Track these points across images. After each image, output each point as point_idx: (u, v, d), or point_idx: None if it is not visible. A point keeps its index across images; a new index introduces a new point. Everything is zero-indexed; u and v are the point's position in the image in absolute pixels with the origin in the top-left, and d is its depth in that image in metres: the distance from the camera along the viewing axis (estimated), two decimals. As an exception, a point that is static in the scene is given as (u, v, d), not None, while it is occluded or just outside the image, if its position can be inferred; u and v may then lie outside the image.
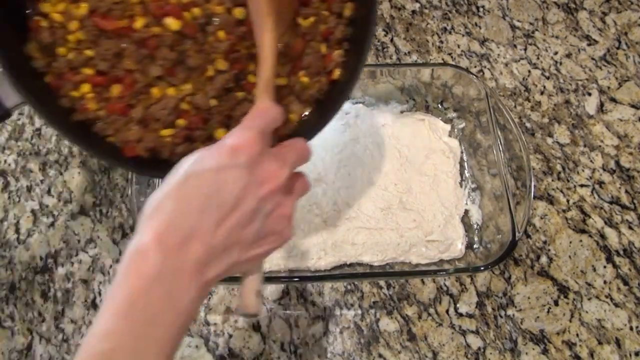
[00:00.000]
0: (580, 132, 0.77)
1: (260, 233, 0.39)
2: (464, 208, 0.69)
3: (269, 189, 0.38)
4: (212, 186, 0.36)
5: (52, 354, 0.64)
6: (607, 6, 0.89)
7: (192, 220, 0.35)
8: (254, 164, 0.38)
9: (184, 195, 0.36)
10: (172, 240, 0.35)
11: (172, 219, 0.35)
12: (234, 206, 0.37)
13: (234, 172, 0.37)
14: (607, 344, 0.62)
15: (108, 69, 0.51)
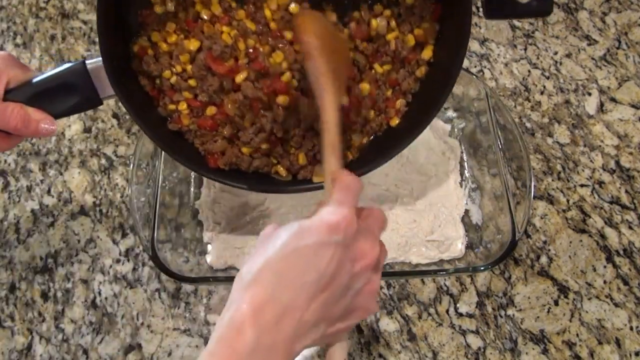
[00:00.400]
0: (580, 132, 0.77)
1: (349, 308, 0.40)
2: (464, 208, 0.69)
3: (362, 265, 0.39)
4: (309, 263, 0.37)
5: (52, 354, 0.64)
6: (607, 6, 0.89)
7: (288, 296, 0.36)
8: (350, 242, 0.39)
9: (282, 269, 0.37)
10: (269, 316, 0.35)
11: (270, 293, 0.36)
12: (328, 283, 0.37)
13: (331, 249, 0.37)
14: (607, 344, 0.62)
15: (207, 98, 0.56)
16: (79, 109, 0.57)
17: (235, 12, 0.56)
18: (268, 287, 0.36)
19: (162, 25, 0.55)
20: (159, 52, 0.55)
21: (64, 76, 0.53)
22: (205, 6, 0.55)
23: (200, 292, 0.67)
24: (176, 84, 0.56)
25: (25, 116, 0.52)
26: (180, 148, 0.57)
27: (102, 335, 0.64)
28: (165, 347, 0.64)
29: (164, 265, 0.59)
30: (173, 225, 0.66)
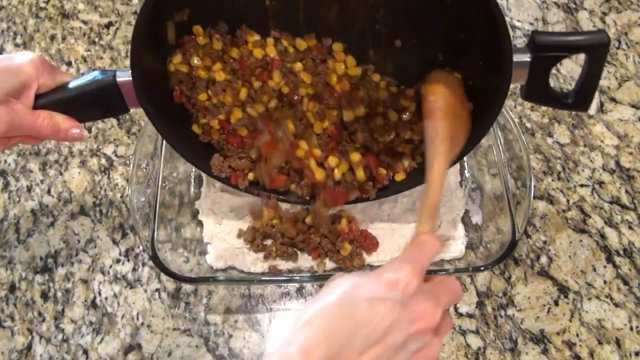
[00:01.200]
0: (580, 132, 0.77)
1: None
2: (464, 208, 0.69)
3: (419, 327, 0.38)
4: (364, 315, 0.37)
5: (52, 354, 0.64)
6: (607, 6, 0.89)
7: (338, 344, 0.36)
8: (409, 300, 0.38)
9: (336, 317, 0.37)
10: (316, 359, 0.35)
11: (320, 338, 0.36)
12: (380, 339, 0.37)
13: (388, 305, 0.37)
14: (607, 344, 0.62)
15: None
16: (106, 116, 0.60)
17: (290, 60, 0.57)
18: (320, 333, 0.37)
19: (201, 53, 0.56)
20: (195, 76, 0.56)
21: (93, 87, 0.54)
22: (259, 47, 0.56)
23: (200, 292, 0.67)
24: (210, 107, 0.57)
25: (55, 126, 0.54)
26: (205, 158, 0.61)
27: (102, 335, 0.64)
28: (165, 347, 0.64)
29: (164, 265, 0.59)
30: (173, 225, 0.66)
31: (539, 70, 0.50)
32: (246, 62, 0.56)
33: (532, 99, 0.54)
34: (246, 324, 0.65)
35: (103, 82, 0.53)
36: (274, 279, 0.63)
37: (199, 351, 0.63)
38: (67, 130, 0.54)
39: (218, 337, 0.64)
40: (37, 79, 0.53)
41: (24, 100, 0.53)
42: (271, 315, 0.65)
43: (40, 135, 0.54)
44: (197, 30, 0.54)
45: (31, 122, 0.53)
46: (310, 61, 0.57)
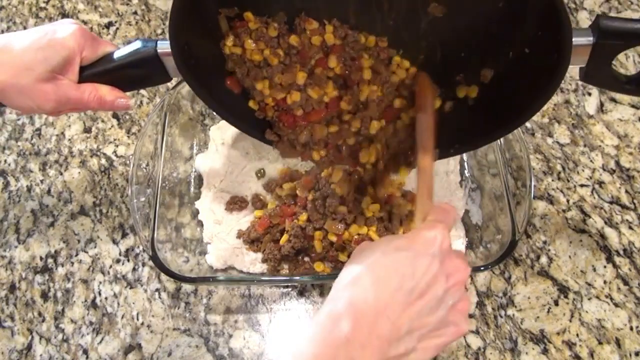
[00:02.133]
0: (580, 132, 0.77)
1: (441, 323, 0.40)
2: (464, 208, 0.69)
3: (455, 281, 0.40)
4: (407, 269, 0.39)
5: (52, 354, 0.64)
6: (607, 6, 0.89)
7: (385, 297, 0.38)
8: (445, 257, 0.41)
9: (380, 273, 0.39)
10: (366, 312, 0.37)
11: (368, 293, 0.38)
12: (424, 291, 0.39)
13: (428, 260, 0.39)
14: (607, 344, 0.62)
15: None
16: (150, 85, 0.62)
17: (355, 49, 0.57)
18: (367, 289, 0.38)
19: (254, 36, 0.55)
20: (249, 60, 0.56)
21: (135, 58, 0.54)
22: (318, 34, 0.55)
23: (200, 292, 0.67)
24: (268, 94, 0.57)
25: (101, 98, 0.55)
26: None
27: (102, 335, 0.64)
28: (165, 347, 0.64)
29: (163, 265, 0.59)
30: (173, 225, 0.66)
31: (602, 56, 0.48)
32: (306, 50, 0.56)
33: (590, 81, 0.52)
34: (246, 324, 0.65)
35: (145, 53, 0.53)
36: (274, 279, 0.63)
37: (199, 351, 0.63)
38: (112, 102, 0.55)
39: (218, 337, 0.64)
40: (79, 52, 0.53)
41: (69, 75, 0.53)
42: (271, 315, 0.65)
43: (87, 108, 0.55)
44: (248, 16, 0.54)
45: (77, 97, 0.54)
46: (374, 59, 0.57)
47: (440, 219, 0.43)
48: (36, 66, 0.51)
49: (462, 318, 0.42)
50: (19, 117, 0.82)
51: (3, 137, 0.80)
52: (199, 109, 0.77)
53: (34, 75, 0.51)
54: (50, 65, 0.51)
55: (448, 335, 0.41)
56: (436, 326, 0.40)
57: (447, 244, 0.41)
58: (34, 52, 0.51)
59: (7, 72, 0.51)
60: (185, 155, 0.73)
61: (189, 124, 0.75)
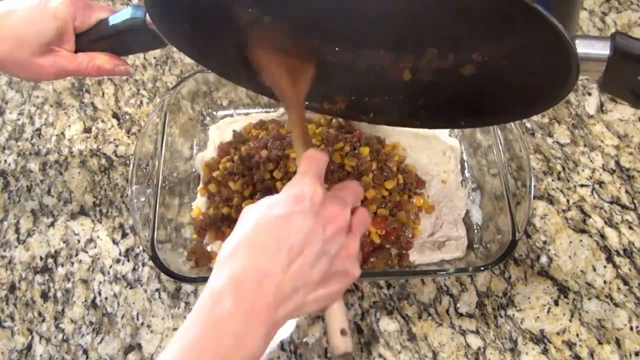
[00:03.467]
0: (580, 132, 0.77)
1: (327, 273, 0.40)
2: (465, 208, 0.69)
3: (333, 229, 0.41)
4: (281, 231, 0.39)
5: (52, 354, 0.64)
6: (607, 6, 0.89)
7: (264, 264, 0.38)
8: (318, 208, 0.41)
9: (256, 241, 0.39)
10: (247, 284, 0.37)
11: (246, 264, 0.38)
12: (302, 249, 0.39)
13: (300, 216, 0.40)
14: (607, 344, 0.62)
15: None
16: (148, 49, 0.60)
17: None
18: (243, 259, 0.38)
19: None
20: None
21: (127, 25, 0.53)
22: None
23: (200, 292, 0.66)
24: None
25: (98, 67, 0.55)
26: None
27: (102, 335, 0.64)
28: (165, 347, 0.63)
29: (164, 265, 0.59)
30: (173, 225, 0.66)
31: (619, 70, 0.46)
32: None
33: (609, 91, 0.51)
34: (246, 324, 0.64)
35: (135, 22, 0.53)
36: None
37: (199, 351, 0.63)
38: (112, 70, 0.55)
39: (218, 337, 0.64)
40: (72, 21, 0.53)
41: (66, 45, 0.53)
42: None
43: (86, 76, 0.56)
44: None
45: (75, 68, 0.54)
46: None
47: (306, 171, 0.43)
48: (30, 41, 0.51)
49: (350, 263, 0.42)
50: (19, 117, 0.82)
51: (3, 137, 0.80)
52: (199, 109, 0.77)
53: (30, 49, 0.51)
54: (44, 38, 0.51)
55: (337, 283, 0.42)
56: (322, 278, 0.40)
57: (319, 194, 0.41)
58: (27, 26, 0.51)
59: (3, 48, 0.51)
60: (185, 155, 0.73)
61: (189, 124, 0.75)
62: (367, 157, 0.68)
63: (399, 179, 0.68)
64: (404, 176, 0.69)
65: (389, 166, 0.69)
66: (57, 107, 0.83)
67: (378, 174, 0.68)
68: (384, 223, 0.65)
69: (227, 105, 0.79)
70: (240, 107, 0.79)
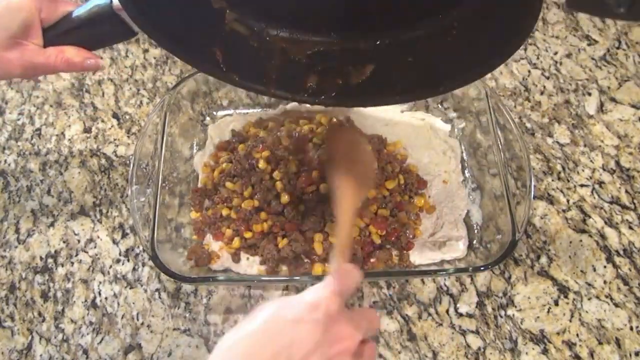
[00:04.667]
0: (580, 132, 0.77)
1: None
2: (466, 208, 0.69)
3: (340, 349, 0.38)
4: (286, 336, 0.37)
5: (52, 354, 0.64)
6: (607, 6, 0.89)
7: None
8: (330, 323, 0.39)
9: (258, 340, 0.37)
10: None
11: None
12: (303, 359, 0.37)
13: (309, 326, 0.38)
14: (607, 344, 0.62)
15: None
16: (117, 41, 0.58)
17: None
18: (240, 355, 0.37)
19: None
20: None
21: (93, 15, 0.52)
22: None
23: (200, 292, 0.67)
24: None
25: (67, 60, 0.53)
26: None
27: (102, 335, 0.64)
28: (165, 347, 0.63)
29: (164, 265, 0.59)
30: (173, 225, 0.66)
31: None
32: None
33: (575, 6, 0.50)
34: (246, 324, 0.65)
35: (101, 9, 0.52)
36: (274, 279, 0.63)
37: (199, 351, 0.63)
38: (81, 63, 0.54)
39: (218, 337, 0.64)
40: (37, 13, 0.52)
41: (32, 39, 0.52)
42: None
43: (57, 71, 0.54)
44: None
45: (43, 62, 0.53)
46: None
47: (330, 284, 0.41)
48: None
49: None
50: (19, 117, 0.82)
51: (3, 137, 0.80)
52: (199, 109, 0.77)
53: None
54: (10, 31, 0.50)
55: None
56: None
57: (333, 308, 0.39)
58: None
59: None
60: (185, 155, 0.73)
61: (189, 124, 0.75)
62: None
63: (399, 179, 0.68)
64: (405, 176, 0.69)
65: (391, 165, 0.69)
66: (57, 107, 0.83)
67: (379, 174, 0.68)
68: (384, 223, 0.64)
69: (227, 105, 0.79)
70: (240, 107, 0.79)
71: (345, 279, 0.42)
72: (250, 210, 0.66)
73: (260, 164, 0.67)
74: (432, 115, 0.77)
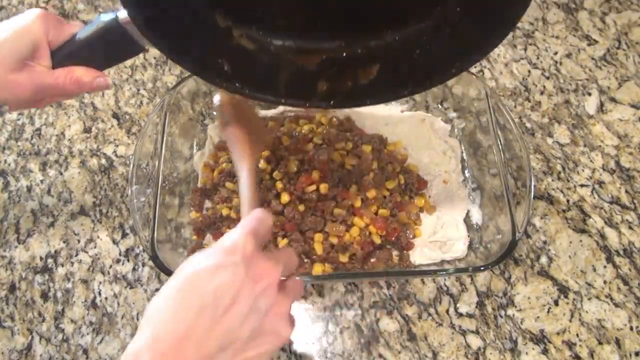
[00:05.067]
0: (580, 132, 0.77)
1: (256, 331, 0.38)
2: (466, 208, 0.69)
3: (264, 285, 0.39)
4: (209, 285, 0.37)
5: (52, 354, 0.64)
6: (607, 6, 0.89)
7: (188, 322, 0.36)
8: (249, 262, 0.39)
9: (181, 296, 0.37)
10: (165, 344, 0.35)
11: (168, 322, 0.36)
12: (230, 304, 0.37)
13: (230, 269, 0.38)
14: (607, 344, 0.62)
15: None
16: (126, 58, 0.58)
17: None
18: (167, 316, 0.36)
19: None
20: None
21: (100, 33, 0.52)
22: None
23: (200, 292, 0.67)
24: None
25: (77, 81, 0.53)
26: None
27: (102, 335, 0.64)
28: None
29: (164, 265, 0.59)
30: (173, 225, 0.66)
31: None
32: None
33: None
34: (246, 324, 0.64)
35: (108, 26, 0.52)
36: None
37: (199, 351, 0.63)
38: (90, 83, 0.54)
39: (218, 337, 0.64)
40: (45, 35, 0.52)
41: (41, 61, 0.53)
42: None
43: (66, 93, 0.54)
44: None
45: (53, 84, 0.53)
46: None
47: (244, 224, 0.42)
48: (4, 58, 0.50)
49: (282, 323, 0.40)
50: (19, 117, 0.82)
51: (3, 137, 0.80)
52: (199, 109, 0.77)
53: (4, 66, 0.51)
54: (18, 54, 0.51)
55: (268, 343, 0.39)
56: (252, 336, 0.38)
57: (249, 248, 0.39)
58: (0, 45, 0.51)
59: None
60: (185, 155, 0.73)
61: (188, 124, 0.75)
62: (369, 155, 0.68)
63: (400, 179, 0.68)
64: (406, 177, 0.69)
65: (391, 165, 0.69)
66: (57, 107, 0.83)
67: (379, 173, 0.68)
68: (384, 223, 0.64)
69: (227, 105, 0.79)
70: (240, 107, 0.79)
71: (258, 221, 0.42)
72: None
73: (260, 163, 0.67)
74: (432, 115, 0.77)
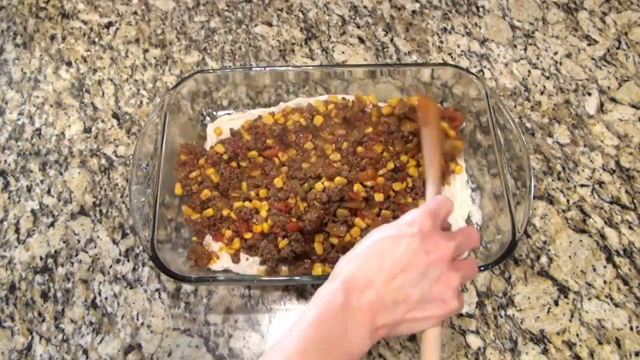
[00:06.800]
0: (580, 132, 0.77)
1: (426, 296, 0.45)
2: (468, 209, 0.69)
3: (435, 257, 0.45)
4: (389, 248, 0.45)
5: (52, 354, 0.64)
6: (607, 6, 0.89)
7: (370, 273, 0.44)
8: (425, 236, 0.46)
9: (367, 254, 0.46)
10: (354, 285, 0.44)
11: (356, 271, 0.45)
12: (405, 267, 0.44)
13: (408, 238, 0.45)
14: (607, 344, 0.62)
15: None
16: None
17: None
18: (356, 267, 0.45)
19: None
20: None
21: None
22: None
23: (200, 292, 0.67)
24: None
25: None
26: None
27: (102, 335, 0.64)
28: (165, 347, 0.64)
29: (163, 265, 0.59)
30: (173, 225, 0.66)
31: None
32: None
33: None
34: (246, 324, 0.65)
35: None
36: (274, 279, 0.63)
37: (199, 351, 0.63)
38: None
39: (218, 337, 0.64)
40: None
41: None
42: (271, 315, 0.65)
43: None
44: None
45: None
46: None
47: (427, 205, 0.49)
48: None
49: (450, 293, 0.45)
50: (19, 117, 0.82)
51: (3, 137, 0.80)
52: (199, 109, 0.77)
53: None
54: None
55: (435, 309, 0.45)
56: (422, 298, 0.44)
57: (427, 225, 0.46)
58: None
59: None
60: (185, 155, 0.73)
61: (189, 124, 0.75)
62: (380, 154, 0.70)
63: (407, 182, 0.68)
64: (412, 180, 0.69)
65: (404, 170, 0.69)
66: (57, 107, 0.83)
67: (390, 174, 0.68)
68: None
69: (227, 105, 0.79)
70: (240, 107, 0.79)
71: (440, 205, 0.49)
72: (251, 210, 0.66)
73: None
74: (432, 115, 0.77)
